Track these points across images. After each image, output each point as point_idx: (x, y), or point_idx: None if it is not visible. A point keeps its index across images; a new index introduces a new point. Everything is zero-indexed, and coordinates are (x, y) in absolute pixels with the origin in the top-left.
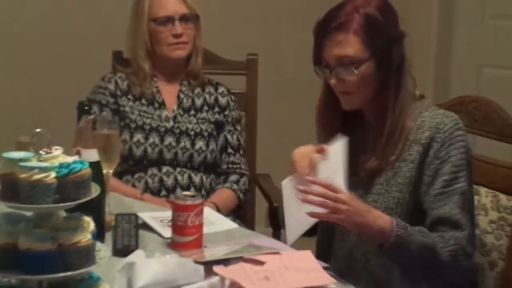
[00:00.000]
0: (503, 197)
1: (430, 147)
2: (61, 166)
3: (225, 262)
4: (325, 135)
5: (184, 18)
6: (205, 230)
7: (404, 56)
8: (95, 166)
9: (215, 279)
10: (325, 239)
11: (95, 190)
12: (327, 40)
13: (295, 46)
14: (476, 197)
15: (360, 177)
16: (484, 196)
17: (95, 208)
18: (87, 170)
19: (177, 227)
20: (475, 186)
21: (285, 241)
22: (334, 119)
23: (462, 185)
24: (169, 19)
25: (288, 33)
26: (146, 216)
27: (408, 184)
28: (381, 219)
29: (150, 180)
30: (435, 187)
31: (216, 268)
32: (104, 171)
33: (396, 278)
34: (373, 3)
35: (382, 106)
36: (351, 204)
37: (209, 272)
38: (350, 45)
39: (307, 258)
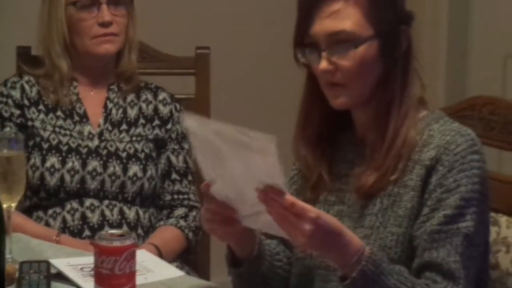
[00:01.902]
0: None
1: (435, 170)
2: None
3: None
4: (308, 150)
5: (113, 1)
6: (140, 280)
7: (412, 42)
8: None
9: None
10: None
11: None
12: (318, 10)
13: (258, 37)
14: (494, 229)
15: (347, 206)
16: (505, 227)
17: None
18: None
19: (101, 276)
20: (493, 215)
21: None
22: (319, 126)
23: (467, 224)
24: (94, 2)
25: (248, 21)
26: (61, 263)
27: (409, 217)
28: (351, 245)
29: (69, 217)
30: (432, 222)
31: None
32: (4, 205)
33: None
34: None
35: (382, 106)
36: (320, 225)
37: None
38: (348, 17)
39: None
